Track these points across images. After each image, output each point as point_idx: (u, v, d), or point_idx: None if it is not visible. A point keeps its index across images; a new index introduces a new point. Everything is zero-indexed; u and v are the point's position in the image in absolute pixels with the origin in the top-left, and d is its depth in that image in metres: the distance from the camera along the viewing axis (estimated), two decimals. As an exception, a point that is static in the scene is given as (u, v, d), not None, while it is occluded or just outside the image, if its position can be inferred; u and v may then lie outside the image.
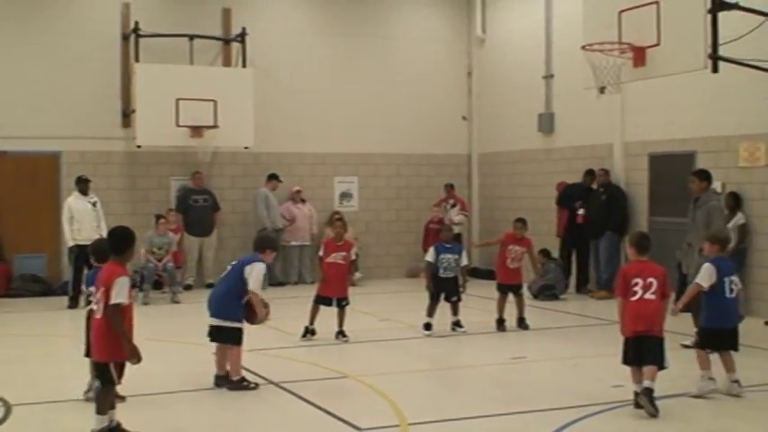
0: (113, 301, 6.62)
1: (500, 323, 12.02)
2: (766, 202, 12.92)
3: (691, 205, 10.85)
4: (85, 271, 10.59)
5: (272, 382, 8.95)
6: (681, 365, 8.68)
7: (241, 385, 8.70)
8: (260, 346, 10.76)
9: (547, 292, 14.97)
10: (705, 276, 8.24)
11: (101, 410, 6.88)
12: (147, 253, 15.05)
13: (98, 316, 6.77)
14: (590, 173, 15.79)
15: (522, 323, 12.07)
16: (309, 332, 11.33)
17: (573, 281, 15.80)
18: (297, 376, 9.23)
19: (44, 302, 14.80)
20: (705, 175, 10.79)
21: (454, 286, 11.74)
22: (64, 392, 8.34)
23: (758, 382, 8.84)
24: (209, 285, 16.68)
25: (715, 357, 8.37)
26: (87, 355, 7.65)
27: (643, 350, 7.73)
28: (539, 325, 12.30)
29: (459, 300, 11.78)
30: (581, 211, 15.54)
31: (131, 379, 9.07)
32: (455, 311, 11.80)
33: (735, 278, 8.34)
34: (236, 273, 8.80)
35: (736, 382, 8.31)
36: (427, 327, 11.65)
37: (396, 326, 12.50)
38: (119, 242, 6.90)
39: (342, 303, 11.29)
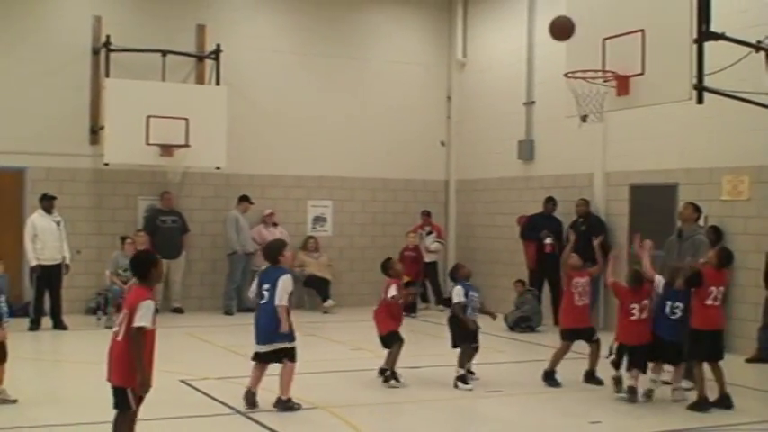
0: (137, 323, 6.43)
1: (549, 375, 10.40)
2: (749, 236, 12.71)
3: (673, 238, 10.61)
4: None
5: (238, 412, 8.62)
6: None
7: (287, 405, 8.68)
8: (229, 375, 10.43)
9: (523, 323, 14.71)
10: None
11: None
12: (111, 275, 14.61)
13: (119, 338, 6.56)
14: (550, 200, 15.63)
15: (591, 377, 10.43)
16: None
17: (547, 312, 15.48)
18: (265, 406, 8.88)
19: (3, 323, 14.27)
20: (698, 208, 10.68)
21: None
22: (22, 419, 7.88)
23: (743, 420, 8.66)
24: (176, 310, 16.30)
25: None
26: None
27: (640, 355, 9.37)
28: (514, 358, 12.02)
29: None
30: (548, 240, 15.29)
31: (91, 405, 8.70)
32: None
33: (679, 304, 9.35)
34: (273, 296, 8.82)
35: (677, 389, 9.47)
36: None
37: (368, 356, 12.10)
38: (140, 266, 6.79)
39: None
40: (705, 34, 10.69)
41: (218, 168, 16.29)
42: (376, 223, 18.38)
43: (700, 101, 10.76)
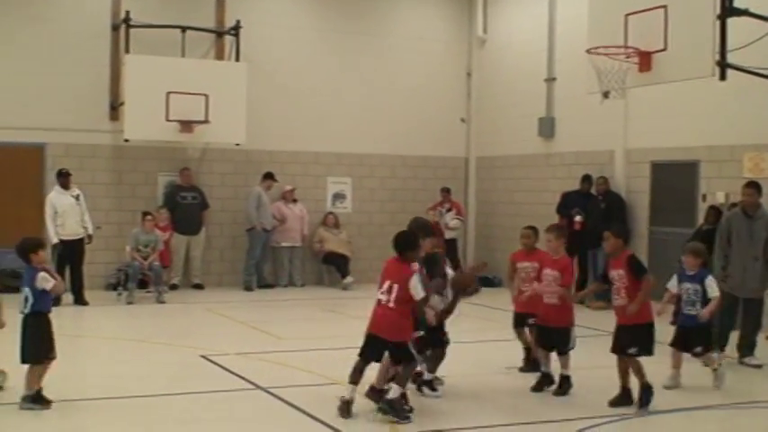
0: (419, 297, 7.52)
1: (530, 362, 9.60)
2: (771, 214, 12.58)
3: (738, 213, 10.37)
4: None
5: (259, 387, 8.66)
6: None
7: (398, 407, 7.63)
8: (249, 350, 10.48)
9: (542, 300, 14.59)
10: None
11: (402, 383, 7.58)
12: (132, 251, 14.66)
13: (391, 305, 7.54)
14: (587, 178, 15.47)
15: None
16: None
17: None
18: (286, 382, 8.94)
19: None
20: (759, 187, 10.40)
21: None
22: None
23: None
24: (196, 286, 16.36)
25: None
26: None
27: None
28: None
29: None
30: (578, 218, 15.19)
31: (115, 381, 8.78)
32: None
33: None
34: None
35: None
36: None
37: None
38: (402, 245, 7.67)
39: None
40: (729, 10, 10.60)
41: (237, 145, 16.28)
42: (395, 200, 18.33)
43: (722, 77, 10.68)
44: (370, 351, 7.76)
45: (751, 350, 10.22)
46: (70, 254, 14.12)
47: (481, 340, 11.62)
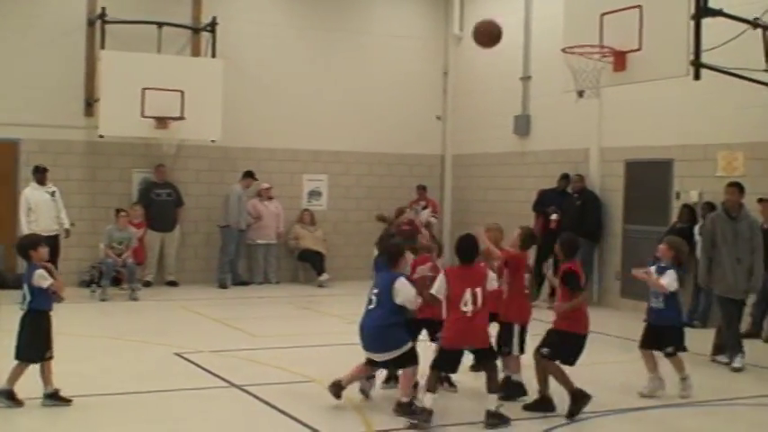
0: (495, 287, 7.70)
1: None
2: (743, 212, 12.69)
3: (721, 215, 10.35)
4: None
5: (234, 385, 8.65)
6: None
7: (410, 410, 7.53)
8: (223, 348, 10.46)
9: (517, 298, 14.63)
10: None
11: (497, 389, 7.52)
12: (106, 248, 14.58)
13: (479, 313, 7.38)
14: (565, 177, 15.53)
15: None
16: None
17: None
18: (261, 379, 8.92)
19: (-3, 295, 14.28)
20: (742, 188, 10.42)
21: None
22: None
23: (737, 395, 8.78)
24: (171, 283, 16.28)
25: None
26: None
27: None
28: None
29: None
30: (554, 216, 15.25)
31: (88, 379, 8.73)
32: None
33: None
34: (385, 301, 7.75)
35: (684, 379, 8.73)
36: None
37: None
38: (466, 252, 7.64)
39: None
40: (703, 10, 10.66)
41: (213, 141, 16.20)
42: (371, 197, 18.32)
43: (696, 77, 10.73)
44: (453, 365, 7.59)
45: (724, 349, 10.29)
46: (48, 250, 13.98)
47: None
